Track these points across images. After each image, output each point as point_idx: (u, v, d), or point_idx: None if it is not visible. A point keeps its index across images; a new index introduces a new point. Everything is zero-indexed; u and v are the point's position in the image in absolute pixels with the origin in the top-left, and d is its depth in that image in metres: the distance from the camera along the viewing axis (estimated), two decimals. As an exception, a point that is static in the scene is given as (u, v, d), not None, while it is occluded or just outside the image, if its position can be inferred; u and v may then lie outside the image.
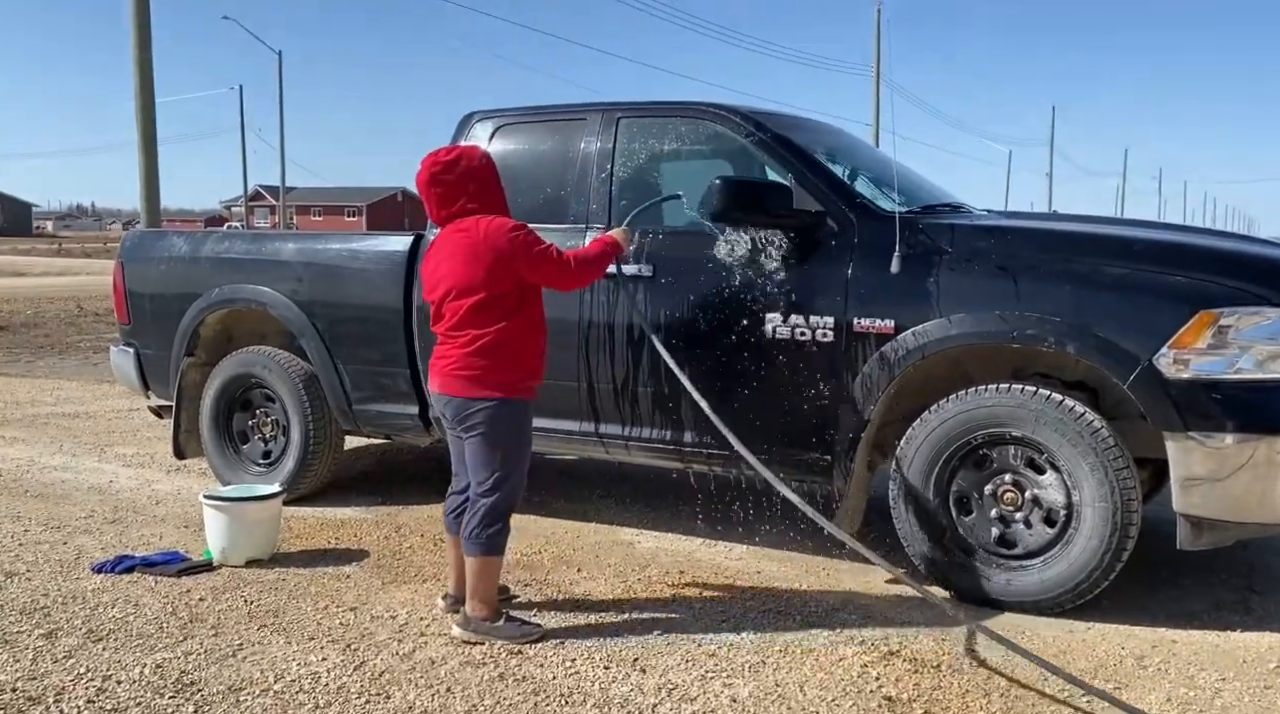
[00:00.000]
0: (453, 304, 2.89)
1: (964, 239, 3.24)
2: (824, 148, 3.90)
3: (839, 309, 3.28)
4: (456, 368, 2.88)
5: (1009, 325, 3.03)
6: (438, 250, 3.00)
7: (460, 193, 2.95)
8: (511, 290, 2.88)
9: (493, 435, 2.89)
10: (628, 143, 3.82)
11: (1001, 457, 3.14)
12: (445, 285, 2.91)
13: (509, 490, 2.92)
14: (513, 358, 2.89)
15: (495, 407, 2.87)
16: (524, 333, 2.92)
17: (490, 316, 2.87)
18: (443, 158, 2.97)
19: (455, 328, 2.89)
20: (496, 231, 2.88)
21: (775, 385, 3.42)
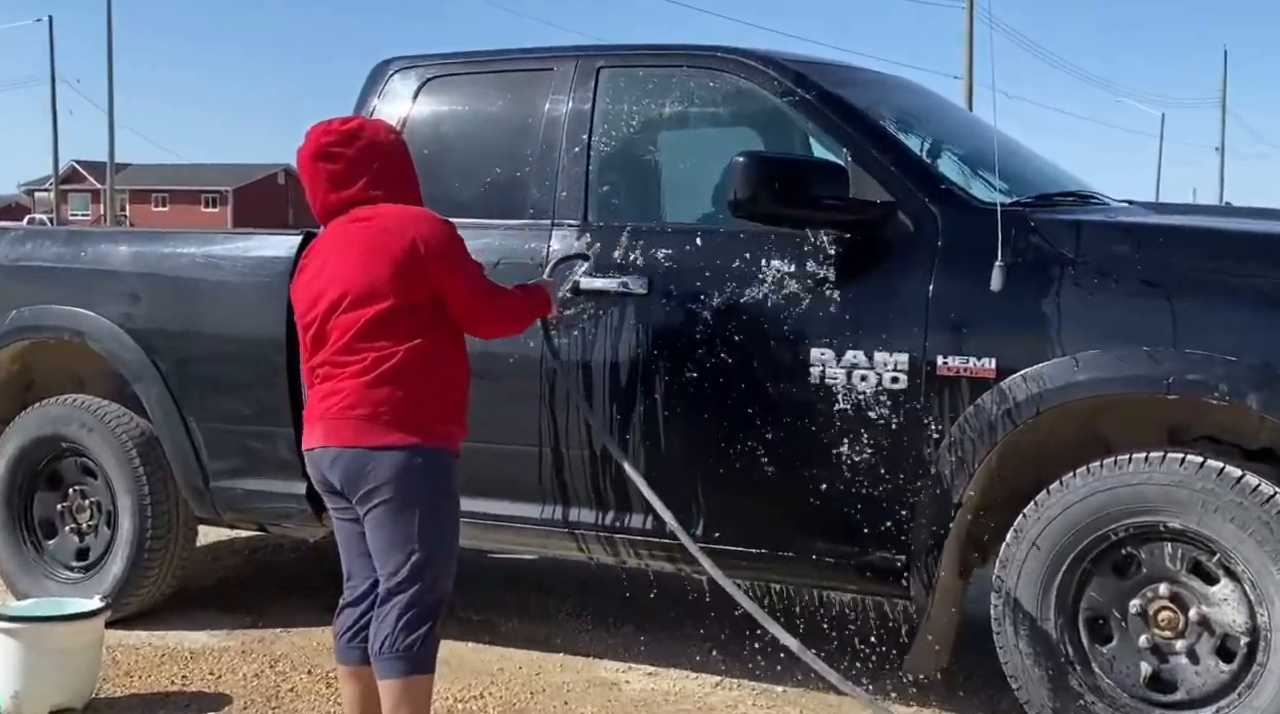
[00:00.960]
0: (344, 318, 2.95)
1: (1097, 242, 3.28)
2: (893, 111, 3.97)
3: (916, 343, 3.32)
4: (348, 406, 2.93)
5: (1163, 367, 3.06)
6: (320, 250, 3.08)
7: (360, 173, 3.05)
8: (427, 301, 2.97)
9: (407, 498, 2.91)
10: (612, 103, 3.88)
11: (1154, 558, 3.15)
12: (333, 293, 2.97)
13: (435, 579, 2.94)
14: (432, 388, 2.96)
15: (409, 456, 2.91)
16: (446, 356, 3.00)
17: (399, 331, 2.93)
18: (337, 126, 3.08)
19: (346, 351, 2.95)
20: (413, 219, 3.00)
21: (823, 453, 3.44)
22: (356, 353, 2.94)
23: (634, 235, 3.70)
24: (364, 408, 2.92)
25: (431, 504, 2.96)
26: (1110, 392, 3.13)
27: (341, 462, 2.95)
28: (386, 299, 2.92)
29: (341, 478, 2.96)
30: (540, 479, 3.79)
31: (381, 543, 2.96)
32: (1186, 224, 3.51)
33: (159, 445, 4.35)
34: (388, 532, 2.94)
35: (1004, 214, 3.26)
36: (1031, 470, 3.43)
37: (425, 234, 2.97)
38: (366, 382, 2.92)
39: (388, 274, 2.93)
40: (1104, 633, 3.23)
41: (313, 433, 3.02)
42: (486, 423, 3.81)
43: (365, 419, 2.92)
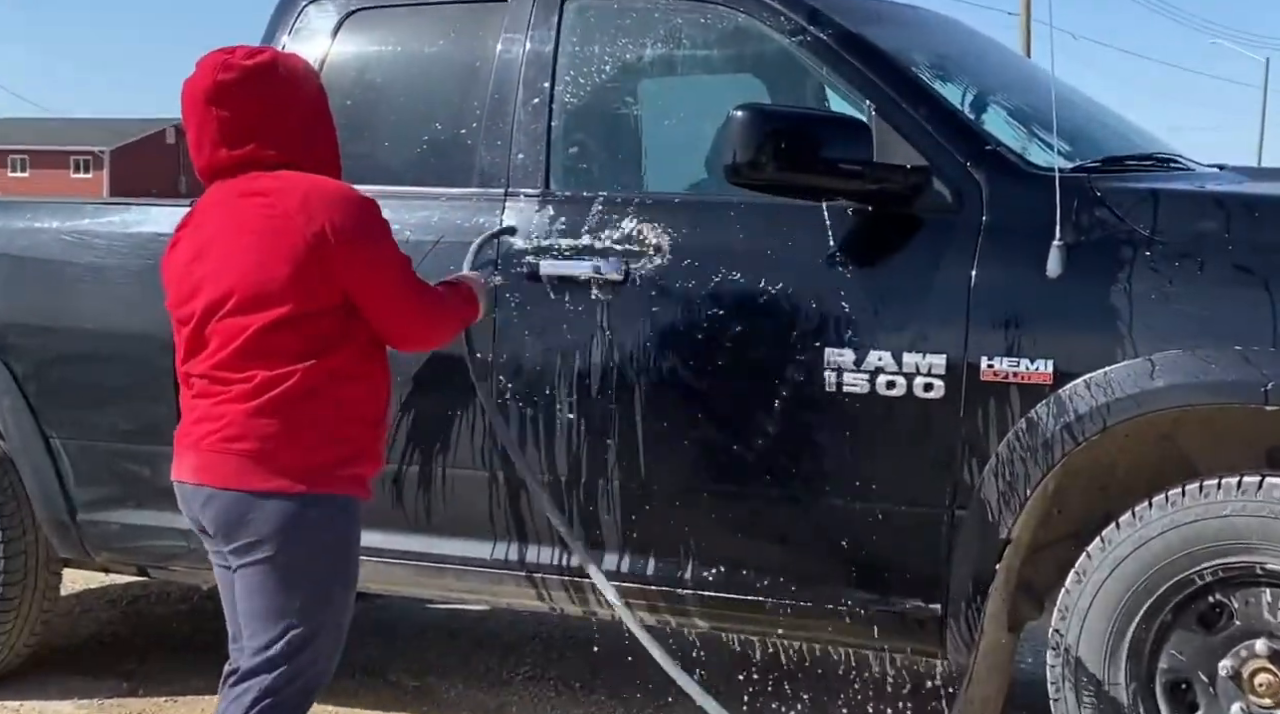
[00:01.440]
0: (227, 323, 2.85)
1: (1179, 217, 3.28)
2: (929, 56, 3.97)
3: (954, 342, 3.31)
4: (228, 437, 2.83)
5: (1261, 372, 3.05)
6: (202, 224, 2.97)
7: (261, 125, 2.90)
8: (336, 307, 2.88)
9: (294, 560, 2.84)
10: (581, 44, 3.86)
11: (1249, 608, 3.14)
12: (215, 290, 2.87)
13: (313, 661, 2.88)
14: (336, 420, 2.88)
15: (300, 507, 2.83)
16: (356, 376, 2.92)
17: (297, 345, 2.83)
18: (241, 59, 2.93)
19: (228, 366, 2.85)
20: (325, 198, 2.87)
21: (840, 479, 3.44)
22: (241, 371, 2.83)
23: (608, 208, 3.68)
24: (247, 442, 2.81)
25: (324, 568, 2.89)
26: (1194, 401, 3.13)
27: (216, 505, 2.86)
28: (282, 305, 2.81)
29: (215, 524, 2.88)
30: (490, 511, 3.76)
31: (253, 608, 2.86)
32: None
33: (12, 468, 4.31)
34: (262, 597, 2.85)
35: (1063, 182, 3.26)
36: (1097, 500, 3.43)
37: (339, 220, 2.84)
38: (251, 409, 2.82)
39: (286, 273, 2.81)
40: (1188, 700, 3.22)
41: (182, 464, 2.93)
42: (421, 440, 3.76)
43: (248, 456, 2.81)
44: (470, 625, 5.19)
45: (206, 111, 2.92)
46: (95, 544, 4.26)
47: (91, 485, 4.22)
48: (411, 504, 3.81)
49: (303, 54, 3.95)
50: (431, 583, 3.95)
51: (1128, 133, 4.27)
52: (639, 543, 3.64)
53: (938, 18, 4.52)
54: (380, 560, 3.78)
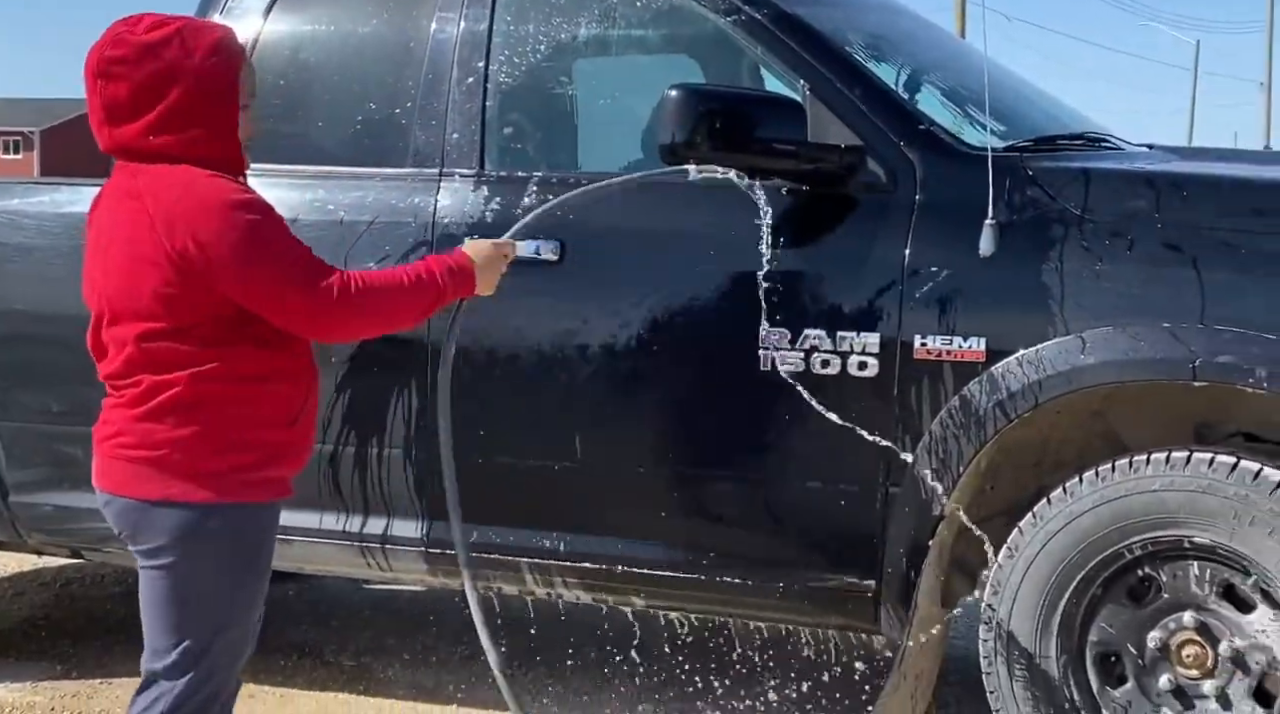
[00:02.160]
0: (112, 331, 2.72)
1: (1109, 195, 3.31)
2: (864, 36, 3.98)
3: (888, 320, 3.33)
4: (121, 444, 2.72)
5: (1188, 348, 3.09)
6: (95, 220, 2.83)
7: (145, 105, 2.65)
8: (222, 314, 2.68)
9: (191, 572, 2.70)
10: (515, 23, 3.85)
11: (1177, 581, 3.18)
12: (99, 296, 2.75)
13: (209, 674, 2.75)
14: (232, 428, 2.70)
15: (197, 518, 2.68)
16: (263, 375, 2.74)
17: (180, 354, 2.67)
18: (139, 33, 2.67)
19: (120, 370, 2.72)
20: (191, 208, 2.63)
21: (775, 457, 3.47)
22: (129, 376, 2.69)
23: (543, 188, 3.67)
24: (140, 449, 2.68)
25: (226, 579, 2.73)
26: (1124, 378, 3.16)
27: (113, 510, 2.77)
28: (155, 319, 2.65)
29: (117, 528, 2.80)
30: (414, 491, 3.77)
31: (153, 614, 2.76)
32: (1220, 173, 3.55)
33: (-58, 451, 4.25)
34: (161, 605, 2.74)
35: (996, 161, 3.28)
36: (1030, 476, 3.46)
37: (203, 236, 2.60)
38: (140, 414, 2.68)
39: (152, 289, 2.63)
40: (1117, 673, 3.25)
41: (94, 465, 2.84)
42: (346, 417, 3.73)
43: (141, 463, 2.68)
44: (407, 605, 5.17)
45: (93, 85, 2.71)
46: (28, 526, 4.22)
47: (24, 467, 4.18)
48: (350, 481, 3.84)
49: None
50: (365, 563, 3.93)
51: (1059, 113, 4.30)
52: (574, 522, 3.66)
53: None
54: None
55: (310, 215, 3.80)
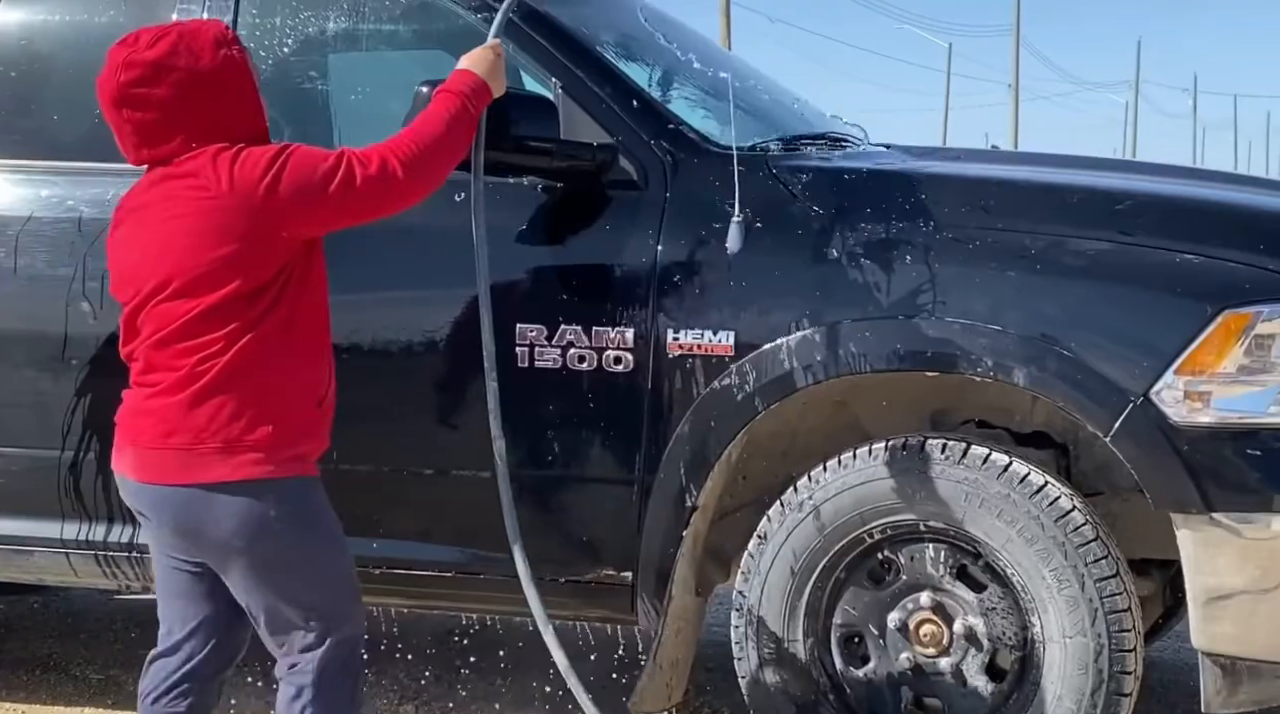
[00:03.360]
0: (160, 309, 2.73)
1: (845, 192, 3.42)
2: (617, 35, 4.02)
3: (641, 316, 3.38)
4: (163, 432, 2.72)
5: (919, 340, 3.22)
6: (138, 207, 2.83)
7: (180, 122, 2.76)
8: (278, 276, 2.78)
9: (270, 556, 2.77)
10: (260, 16, 3.81)
11: (914, 563, 3.31)
12: (151, 275, 2.74)
13: (342, 632, 2.85)
14: (280, 395, 2.78)
15: (253, 497, 2.73)
16: (295, 348, 2.81)
17: (223, 332, 2.72)
18: (143, 53, 2.75)
19: (159, 354, 2.73)
20: (250, 168, 2.74)
21: (535, 451, 3.49)
22: (171, 361, 2.72)
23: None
24: (184, 435, 2.71)
25: (305, 548, 2.82)
26: (862, 368, 3.26)
27: (168, 507, 2.75)
28: (223, 286, 2.70)
29: (173, 530, 2.79)
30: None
31: (267, 605, 2.81)
32: (950, 172, 3.69)
33: None
34: (262, 598, 2.80)
35: (742, 160, 3.35)
36: (780, 465, 3.55)
37: (268, 182, 2.71)
38: (185, 399, 2.71)
39: (226, 253, 2.69)
40: (860, 653, 3.37)
41: (123, 457, 2.81)
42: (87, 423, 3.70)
43: (186, 452, 2.71)
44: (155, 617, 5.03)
45: (118, 114, 2.79)
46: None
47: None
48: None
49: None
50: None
51: (806, 113, 4.41)
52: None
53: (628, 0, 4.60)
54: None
55: (47, 212, 3.71)
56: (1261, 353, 3.08)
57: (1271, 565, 3.06)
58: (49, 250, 3.72)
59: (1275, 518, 3.05)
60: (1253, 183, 4.25)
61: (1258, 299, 3.09)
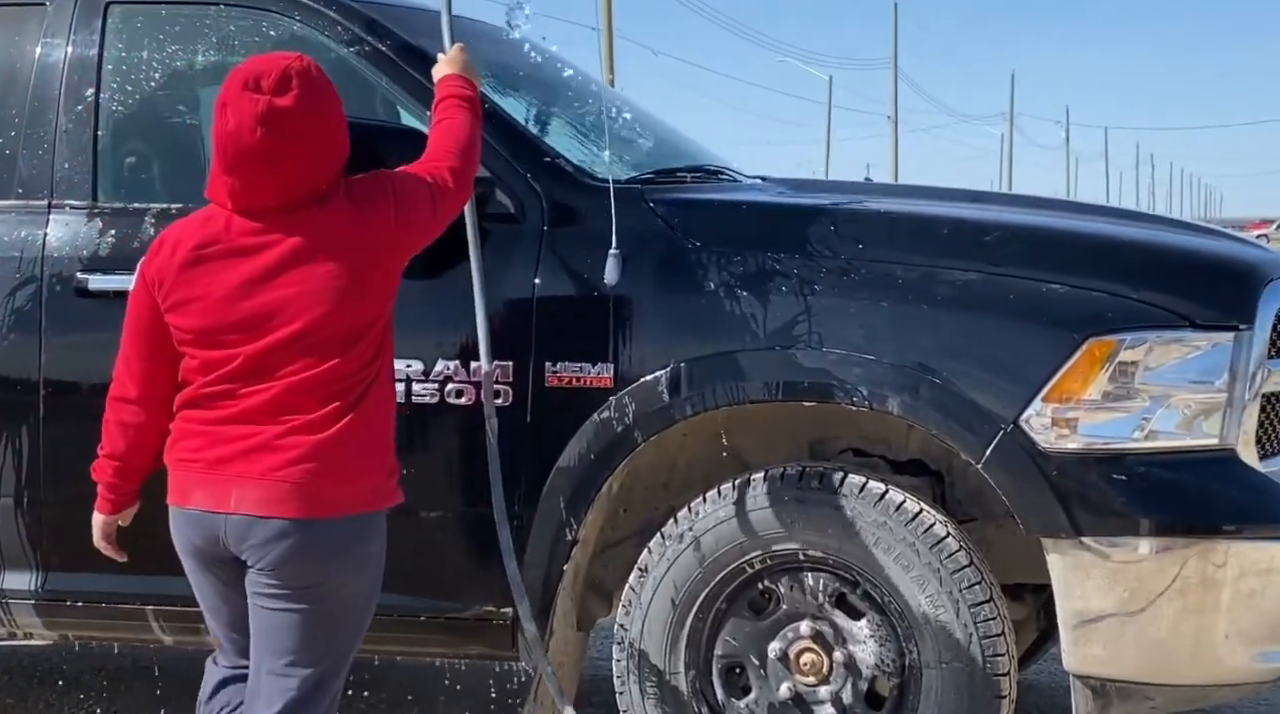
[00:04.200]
0: (305, 349, 2.75)
1: (721, 224, 3.46)
2: (493, 69, 4.01)
3: (520, 348, 3.38)
4: (304, 466, 2.74)
5: (794, 370, 3.24)
6: (243, 254, 2.80)
7: (320, 160, 2.80)
8: (386, 317, 2.91)
9: (347, 591, 2.85)
10: (128, 49, 3.77)
11: (793, 593, 3.32)
12: (296, 319, 2.75)
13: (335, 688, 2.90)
14: (382, 435, 2.89)
15: (359, 526, 2.82)
16: (389, 389, 2.94)
17: (367, 360, 2.83)
18: (278, 99, 2.74)
19: (297, 395, 2.76)
20: (371, 197, 2.85)
21: (414, 487, 3.41)
22: (310, 401, 2.76)
23: (164, 220, 3.55)
24: (321, 469, 2.75)
25: (374, 592, 2.93)
26: (739, 399, 3.28)
27: (287, 540, 2.75)
28: (367, 320, 2.81)
29: (287, 561, 2.75)
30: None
31: (288, 642, 2.81)
32: (821, 204, 3.72)
33: None
34: (302, 633, 2.80)
35: (618, 193, 3.37)
36: (661, 497, 3.56)
37: (387, 207, 2.84)
38: (327, 436, 2.76)
39: (368, 289, 2.81)
40: (742, 684, 3.37)
41: (215, 491, 2.77)
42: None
43: (322, 482, 2.75)
44: (30, 661, 4.92)
45: (261, 168, 2.75)
46: None
47: None
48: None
49: None
50: None
51: (683, 146, 4.44)
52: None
53: (499, 32, 4.59)
54: None
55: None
56: (1125, 379, 3.14)
57: (1139, 588, 3.12)
58: None
59: (1142, 541, 3.11)
60: (1127, 216, 4.34)
61: (1121, 327, 3.16)
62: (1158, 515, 3.13)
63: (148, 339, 2.90)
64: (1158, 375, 3.16)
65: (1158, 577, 3.12)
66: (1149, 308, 3.19)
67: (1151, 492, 3.15)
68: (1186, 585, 3.11)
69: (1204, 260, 3.49)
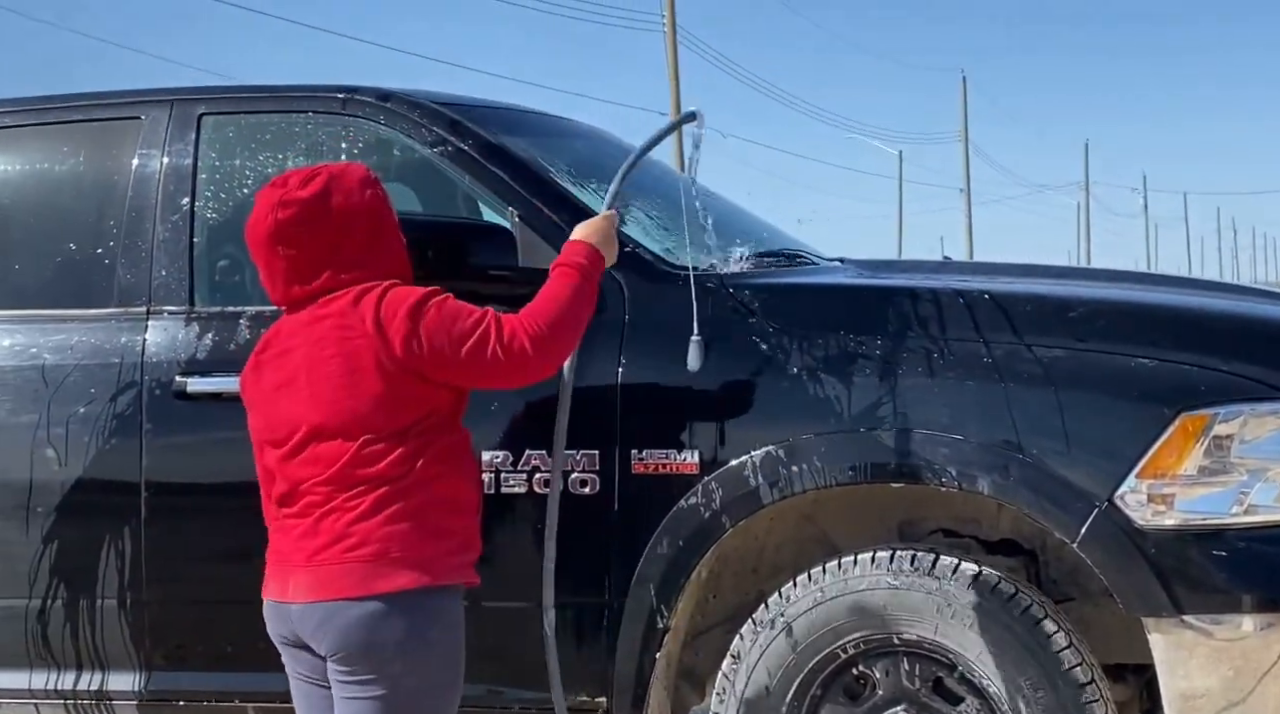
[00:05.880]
0: (326, 446, 2.84)
1: (804, 309, 3.47)
2: (570, 162, 4.07)
3: (605, 436, 3.40)
4: (343, 546, 2.81)
5: (883, 451, 3.24)
6: (286, 351, 2.92)
7: (326, 257, 2.89)
8: (437, 406, 2.91)
9: (411, 682, 2.82)
10: (220, 158, 3.86)
11: (889, 678, 3.29)
12: (309, 416, 2.85)
13: None
14: (439, 516, 2.88)
15: (416, 604, 2.81)
16: (452, 470, 2.94)
17: (397, 456, 2.84)
18: (294, 193, 2.88)
19: (333, 485, 2.83)
20: (396, 312, 2.85)
21: (504, 576, 3.45)
22: (346, 488, 2.83)
23: (258, 323, 3.63)
24: (366, 548, 2.81)
25: (444, 680, 2.90)
26: (827, 482, 3.27)
27: (339, 621, 2.79)
28: (380, 425, 2.83)
29: (341, 644, 2.81)
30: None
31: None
32: (900, 285, 3.72)
33: None
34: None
35: (698, 281, 3.38)
36: (749, 582, 3.54)
37: (413, 327, 2.83)
38: (357, 519, 2.82)
39: (367, 403, 2.83)
40: (841, 770, 3.34)
41: (281, 585, 2.89)
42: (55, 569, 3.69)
43: (368, 561, 2.80)
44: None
45: (273, 252, 2.91)
46: None
47: None
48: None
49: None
50: None
51: (759, 231, 4.46)
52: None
53: (581, 127, 4.66)
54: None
55: (10, 361, 3.72)
56: (1220, 453, 3.11)
57: (1244, 665, 3.06)
58: (13, 398, 3.74)
59: (1245, 618, 3.06)
60: (1218, 288, 4.31)
61: (1214, 401, 3.13)
62: (1261, 591, 3.08)
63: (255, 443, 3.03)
64: (1254, 448, 3.12)
65: (1263, 653, 3.07)
66: (1240, 380, 3.16)
67: (1253, 567, 3.10)
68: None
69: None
